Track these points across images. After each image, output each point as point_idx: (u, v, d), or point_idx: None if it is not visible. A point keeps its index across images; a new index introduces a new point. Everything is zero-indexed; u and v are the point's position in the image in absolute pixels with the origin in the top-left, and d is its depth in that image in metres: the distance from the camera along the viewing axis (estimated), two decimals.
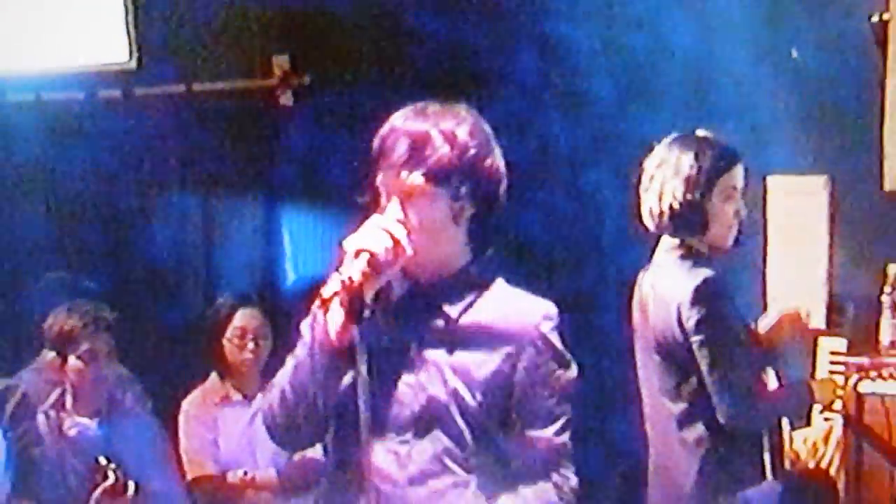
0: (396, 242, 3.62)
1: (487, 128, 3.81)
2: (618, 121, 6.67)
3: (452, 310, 3.77)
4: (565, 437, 3.81)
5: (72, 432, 6.07)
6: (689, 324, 5.18)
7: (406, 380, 3.73)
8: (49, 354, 6.15)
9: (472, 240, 3.82)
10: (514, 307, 3.81)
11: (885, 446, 5.63)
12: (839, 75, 6.39)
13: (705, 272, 5.22)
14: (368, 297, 3.59)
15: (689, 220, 5.26)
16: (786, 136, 6.28)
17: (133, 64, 7.42)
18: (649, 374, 5.43)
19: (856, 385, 5.68)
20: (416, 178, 3.68)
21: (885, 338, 5.87)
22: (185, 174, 7.59)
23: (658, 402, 5.41)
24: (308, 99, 7.62)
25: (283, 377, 3.78)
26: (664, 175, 5.30)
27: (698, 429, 5.27)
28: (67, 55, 7.41)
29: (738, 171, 5.30)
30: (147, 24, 7.38)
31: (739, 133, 5.57)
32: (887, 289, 5.89)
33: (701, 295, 5.16)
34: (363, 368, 3.54)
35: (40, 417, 5.98)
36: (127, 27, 7.33)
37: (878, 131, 6.19)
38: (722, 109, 6.25)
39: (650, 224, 5.38)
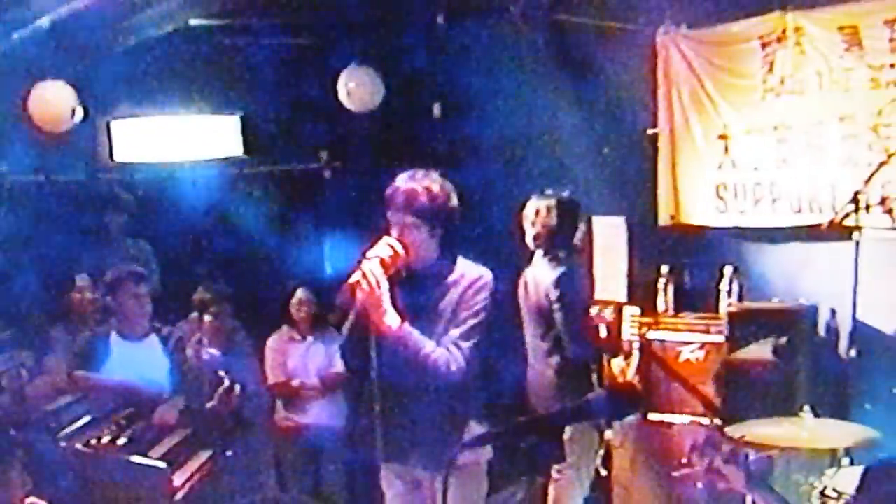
0: (396, 252, 3.45)
1: (448, 184, 3.55)
2: (508, 179, 6.04)
3: (441, 276, 3.52)
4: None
5: (206, 357, 5.44)
6: (552, 297, 4.65)
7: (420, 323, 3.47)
8: (194, 314, 5.77)
9: (441, 245, 3.56)
10: (472, 269, 3.57)
11: (663, 367, 5.06)
12: (631, 162, 5.72)
13: (562, 269, 4.69)
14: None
15: (550, 244, 4.76)
16: (603, 195, 5.61)
17: (244, 155, 6.76)
18: (529, 325, 4.84)
19: (644, 334, 5.12)
20: (409, 217, 3.48)
21: (660, 307, 5.23)
22: (271, 215, 6.89)
23: (534, 342, 4.82)
24: (339, 175, 7.07)
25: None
26: (532, 217, 4.78)
27: (556, 358, 4.71)
28: (210, 151, 6.71)
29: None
30: (251, 133, 6.72)
31: (578, 192, 5.04)
32: (662, 279, 5.25)
33: (559, 282, 4.65)
34: None
35: (189, 350, 5.30)
36: (242, 135, 6.69)
37: (654, 193, 5.58)
38: (568, 176, 5.58)
39: (530, 244, 4.84)
